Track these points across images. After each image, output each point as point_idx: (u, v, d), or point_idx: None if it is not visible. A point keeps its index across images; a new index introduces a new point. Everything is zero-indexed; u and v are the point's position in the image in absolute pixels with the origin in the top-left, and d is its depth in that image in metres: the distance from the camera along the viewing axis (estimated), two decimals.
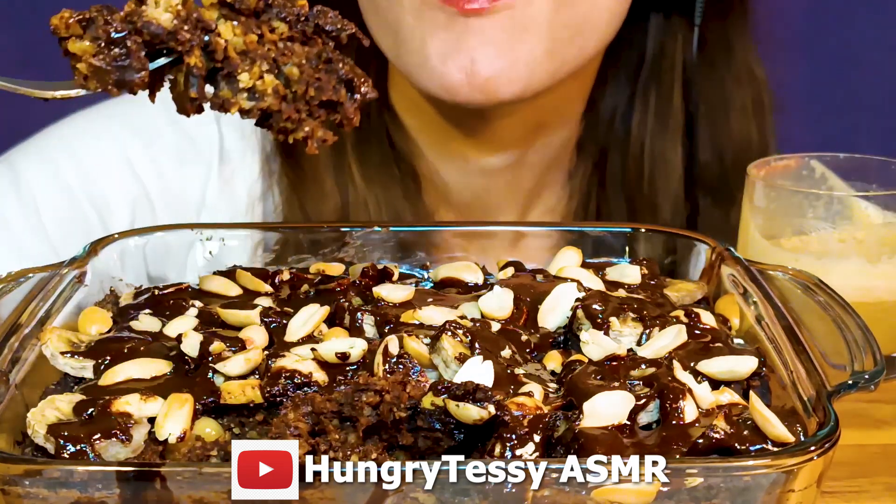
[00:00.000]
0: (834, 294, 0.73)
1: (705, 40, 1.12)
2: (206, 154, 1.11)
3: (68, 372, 0.69)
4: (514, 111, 1.05)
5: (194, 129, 1.11)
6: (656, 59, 1.12)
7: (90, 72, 0.61)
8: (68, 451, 0.59)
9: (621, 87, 1.14)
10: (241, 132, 1.11)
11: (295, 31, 0.65)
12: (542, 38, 0.96)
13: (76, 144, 1.10)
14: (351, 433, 0.61)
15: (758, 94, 1.14)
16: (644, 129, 1.13)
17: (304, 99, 0.65)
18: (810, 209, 0.92)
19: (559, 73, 1.00)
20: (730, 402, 0.63)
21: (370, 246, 0.86)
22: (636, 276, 0.79)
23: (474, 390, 0.59)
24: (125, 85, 0.61)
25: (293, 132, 0.65)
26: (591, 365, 0.67)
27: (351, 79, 0.66)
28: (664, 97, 1.12)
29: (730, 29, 1.13)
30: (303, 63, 0.65)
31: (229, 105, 0.64)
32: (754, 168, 0.95)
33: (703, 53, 1.12)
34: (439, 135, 1.10)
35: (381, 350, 0.66)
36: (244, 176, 1.11)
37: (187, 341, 0.68)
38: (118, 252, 0.83)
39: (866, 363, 0.65)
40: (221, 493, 0.55)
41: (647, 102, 1.13)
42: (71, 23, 0.60)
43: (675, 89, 1.12)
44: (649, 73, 1.12)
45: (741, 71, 1.13)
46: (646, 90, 1.13)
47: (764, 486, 0.56)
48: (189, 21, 0.62)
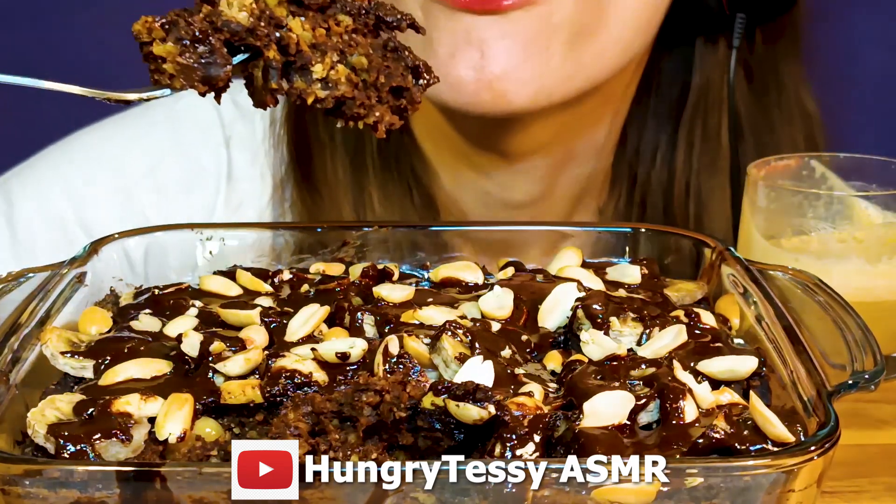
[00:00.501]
0: (834, 294, 0.73)
1: (752, 71, 1.07)
2: (214, 180, 1.09)
3: (68, 372, 0.69)
4: (534, 130, 1.00)
5: (202, 153, 1.09)
6: (702, 91, 1.06)
7: (177, 71, 0.63)
8: (68, 451, 0.59)
9: (662, 122, 1.08)
10: (252, 156, 1.09)
11: (358, 24, 0.68)
12: (557, 38, 0.92)
13: (71, 174, 1.08)
14: (351, 433, 0.61)
15: (809, 131, 1.09)
16: (689, 168, 1.06)
17: (374, 86, 0.68)
18: (810, 209, 0.92)
19: (576, 80, 0.95)
20: (730, 402, 0.63)
21: (370, 246, 0.86)
22: (636, 276, 0.79)
23: (474, 390, 0.59)
24: (211, 80, 0.64)
25: (364, 118, 0.68)
26: (591, 365, 0.67)
27: (417, 65, 0.69)
28: (711, 133, 1.06)
29: (779, 57, 1.08)
30: (370, 52, 0.68)
31: (306, 94, 0.67)
32: (754, 168, 0.95)
33: (751, 85, 1.07)
34: (458, 161, 1.06)
35: (381, 350, 0.66)
36: (253, 204, 1.09)
37: (187, 341, 0.68)
38: (118, 252, 0.83)
39: (866, 363, 0.65)
40: (221, 493, 0.55)
41: (693, 139, 1.06)
42: (154, 27, 0.63)
43: (722, 125, 1.06)
44: (694, 106, 1.06)
45: (792, 105, 1.08)
46: (691, 125, 1.06)
47: (764, 486, 0.56)
48: (263, 18, 0.65)
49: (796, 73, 1.09)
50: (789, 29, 1.08)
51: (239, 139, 1.11)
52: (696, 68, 1.05)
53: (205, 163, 1.10)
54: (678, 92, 1.07)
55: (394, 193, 1.06)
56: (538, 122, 0.98)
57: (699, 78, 1.06)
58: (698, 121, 1.06)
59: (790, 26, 1.07)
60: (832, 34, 1.11)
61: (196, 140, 1.09)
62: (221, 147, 1.10)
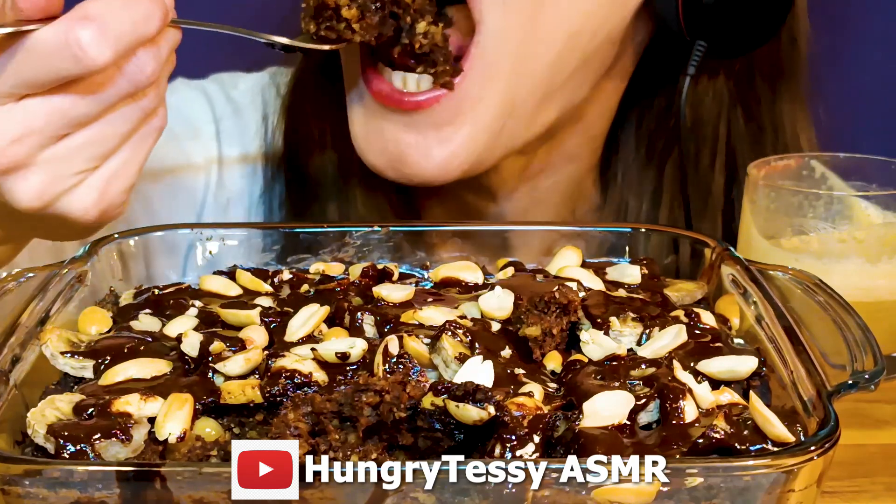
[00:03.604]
0: (834, 294, 0.73)
1: (751, 109, 1.04)
2: (203, 175, 1.09)
3: (68, 372, 0.69)
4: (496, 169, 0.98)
5: (192, 147, 1.08)
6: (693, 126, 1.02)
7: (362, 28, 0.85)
8: (68, 451, 0.59)
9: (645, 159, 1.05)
10: (243, 151, 1.09)
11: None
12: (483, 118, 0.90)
13: None
14: (351, 433, 0.60)
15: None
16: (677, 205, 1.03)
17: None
18: (810, 209, 0.92)
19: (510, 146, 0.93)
20: (730, 402, 0.63)
21: (370, 246, 0.86)
22: (636, 276, 0.79)
23: (474, 390, 0.59)
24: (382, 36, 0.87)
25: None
26: (591, 365, 0.67)
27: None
28: (702, 174, 1.04)
29: (779, 98, 1.04)
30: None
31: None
32: (754, 168, 0.95)
33: (748, 124, 1.04)
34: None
35: (381, 350, 0.66)
36: (243, 200, 1.09)
37: (187, 341, 0.68)
38: (118, 252, 0.83)
39: (866, 363, 0.65)
40: (221, 493, 0.55)
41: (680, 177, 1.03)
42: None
43: (717, 165, 1.03)
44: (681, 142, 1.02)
45: (788, 147, 1.04)
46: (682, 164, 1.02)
47: (764, 486, 0.56)
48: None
49: (795, 113, 1.06)
50: (787, 67, 1.05)
51: (230, 134, 1.11)
52: (685, 103, 1.00)
53: (195, 157, 1.10)
54: (665, 127, 1.04)
55: (377, 196, 1.05)
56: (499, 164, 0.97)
57: (689, 112, 1.01)
58: (690, 162, 1.03)
59: (788, 65, 1.05)
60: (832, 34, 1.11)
61: (187, 133, 1.09)
62: (212, 141, 1.10)
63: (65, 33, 0.67)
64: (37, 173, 0.70)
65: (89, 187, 0.73)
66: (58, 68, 0.68)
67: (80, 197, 0.72)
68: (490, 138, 0.92)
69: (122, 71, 0.70)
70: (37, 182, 0.70)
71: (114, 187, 0.74)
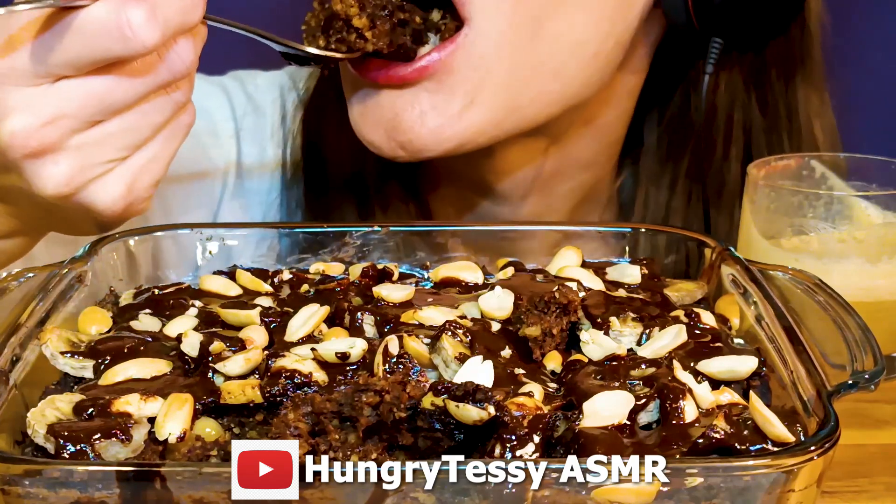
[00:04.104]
0: (834, 294, 0.73)
1: (766, 98, 1.04)
2: (221, 174, 1.09)
3: (68, 372, 0.69)
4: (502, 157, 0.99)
5: (211, 144, 1.08)
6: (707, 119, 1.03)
7: (374, 36, 0.87)
8: (68, 451, 0.59)
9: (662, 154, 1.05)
10: (261, 151, 1.08)
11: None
12: (481, 93, 0.89)
13: None
14: (351, 433, 0.60)
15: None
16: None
17: None
18: (810, 209, 0.92)
19: (508, 124, 0.93)
20: (730, 402, 0.63)
21: (370, 246, 0.86)
22: (636, 276, 0.79)
23: (474, 390, 0.59)
24: (395, 43, 0.88)
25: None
26: (591, 365, 0.67)
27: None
28: (718, 166, 1.04)
29: (792, 85, 1.05)
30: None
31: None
32: (754, 168, 0.95)
33: (766, 117, 1.04)
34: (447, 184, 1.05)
35: (381, 350, 0.66)
36: (261, 200, 1.08)
37: (187, 341, 0.68)
38: (118, 252, 0.83)
39: (866, 363, 0.65)
40: (221, 493, 0.55)
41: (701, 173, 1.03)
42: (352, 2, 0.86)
43: (732, 154, 1.04)
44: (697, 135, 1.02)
45: (802, 135, 1.05)
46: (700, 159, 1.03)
47: (764, 486, 0.56)
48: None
49: (809, 99, 1.06)
50: (799, 54, 1.04)
51: (249, 133, 1.10)
52: (702, 97, 1.01)
53: (213, 156, 1.09)
54: (683, 125, 1.05)
55: (392, 201, 1.05)
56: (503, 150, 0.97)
57: (705, 106, 1.02)
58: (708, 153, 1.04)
59: (800, 53, 1.04)
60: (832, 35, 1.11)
61: (205, 130, 1.08)
62: (231, 140, 1.09)
63: (116, 12, 0.65)
64: (66, 158, 0.69)
65: (118, 178, 0.71)
66: (105, 48, 0.66)
67: (107, 187, 0.71)
68: (485, 115, 0.91)
69: (163, 58, 0.69)
70: (66, 168, 0.69)
71: (141, 181, 0.72)
